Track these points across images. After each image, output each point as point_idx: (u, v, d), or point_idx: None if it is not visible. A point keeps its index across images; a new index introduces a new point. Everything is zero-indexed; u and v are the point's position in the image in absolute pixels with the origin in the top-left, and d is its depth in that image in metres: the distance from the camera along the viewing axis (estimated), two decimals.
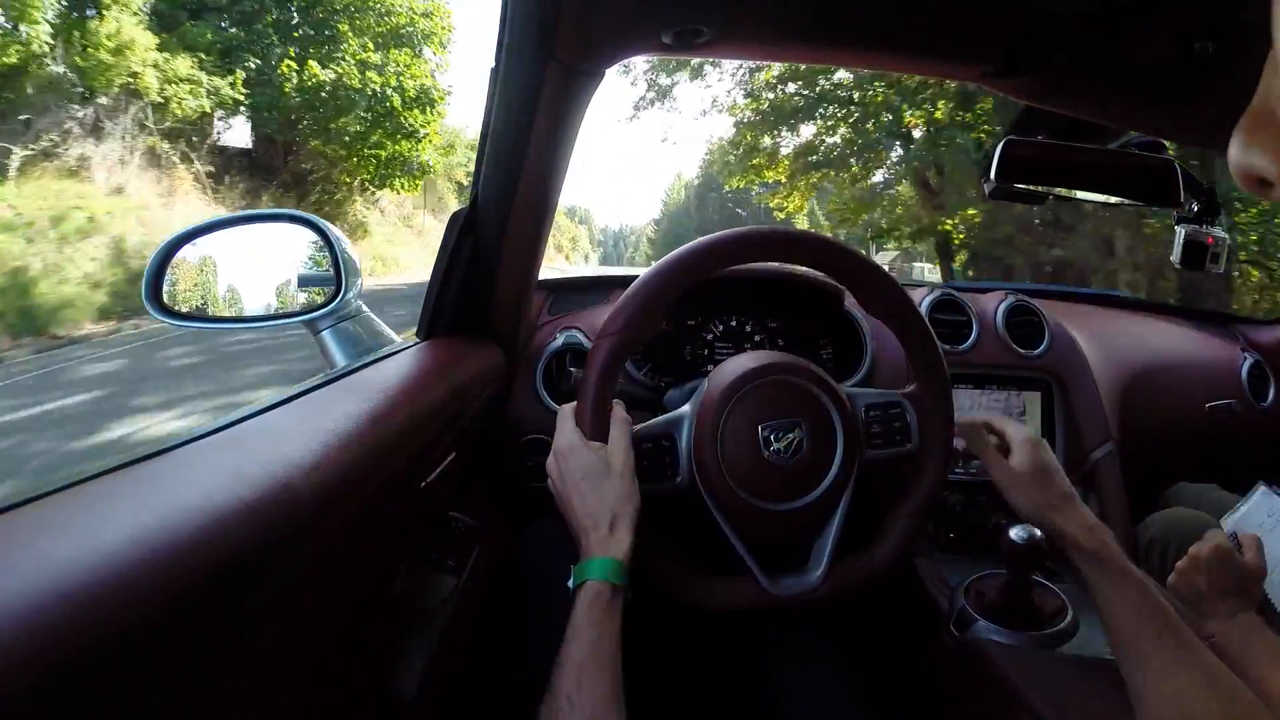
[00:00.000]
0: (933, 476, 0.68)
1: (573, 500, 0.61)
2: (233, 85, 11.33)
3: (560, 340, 1.02)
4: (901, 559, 0.69)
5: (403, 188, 15.82)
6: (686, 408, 0.70)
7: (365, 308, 0.80)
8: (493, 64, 0.67)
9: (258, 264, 0.76)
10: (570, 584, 0.56)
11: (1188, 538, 0.95)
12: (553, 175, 0.73)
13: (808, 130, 12.32)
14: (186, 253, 0.70)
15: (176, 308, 0.69)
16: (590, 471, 0.61)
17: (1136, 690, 0.52)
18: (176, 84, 10.42)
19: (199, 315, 0.72)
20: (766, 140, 13.00)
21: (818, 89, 11.39)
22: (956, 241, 10.63)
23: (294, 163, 13.94)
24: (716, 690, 0.84)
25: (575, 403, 0.66)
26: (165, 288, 0.68)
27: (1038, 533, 0.77)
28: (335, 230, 0.76)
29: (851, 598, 0.69)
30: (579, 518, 0.60)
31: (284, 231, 0.78)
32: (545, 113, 0.64)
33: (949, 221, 10.05)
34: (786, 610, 0.67)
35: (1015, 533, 0.73)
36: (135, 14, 10.03)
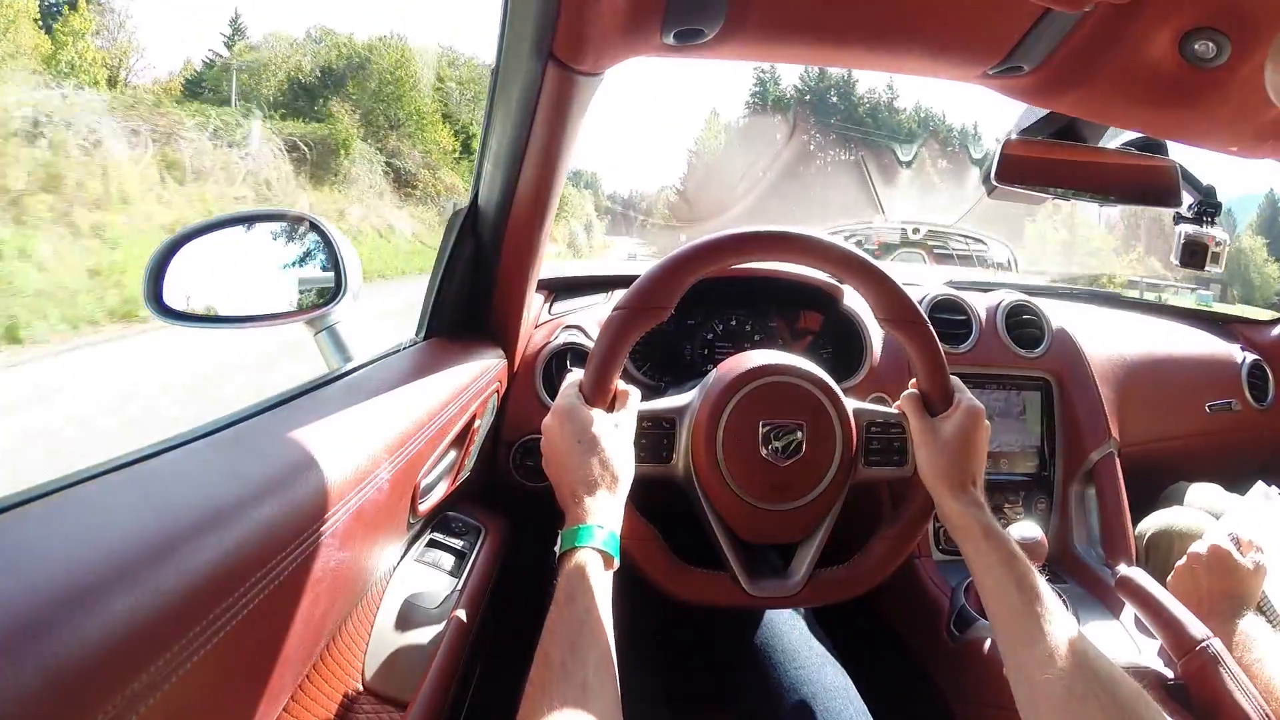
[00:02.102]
0: (926, 497, 0.68)
1: (566, 462, 0.59)
2: None
3: (560, 340, 1.02)
4: (884, 576, 0.69)
5: None
6: (692, 394, 0.70)
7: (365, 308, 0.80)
8: (493, 64, 0.67)
9: (258, 264, 0.76)
10: (557, 550, 0.54)
11: (1187, 537, 0.95)
12: (553, 175, 0.73)
13: None
14: (186, 252, 0.70)
15: (176, 308, 0.69)
16: (587, 433, 0.59)
17: (1015, 665, 0.52)
18: None
19: (199, 315, 0.72)
20: None
21: None
22: None
23: None
24: (711, 680, 0.84)
25: (580, 371, 0.66)
26: (165, 288, 0.68)
27: (1038, 534, 0.77)
28: (336, 230, 0.76)
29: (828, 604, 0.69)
30: (571, 481, 0.57)
31: (284, 231, 0.78)
32: (545, 113, 0.64)
33: None
34: (761, 608, 0.66)
35: (1016, 534, 0.73)
36: None
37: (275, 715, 0.40)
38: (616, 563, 0.54)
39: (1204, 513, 1.06)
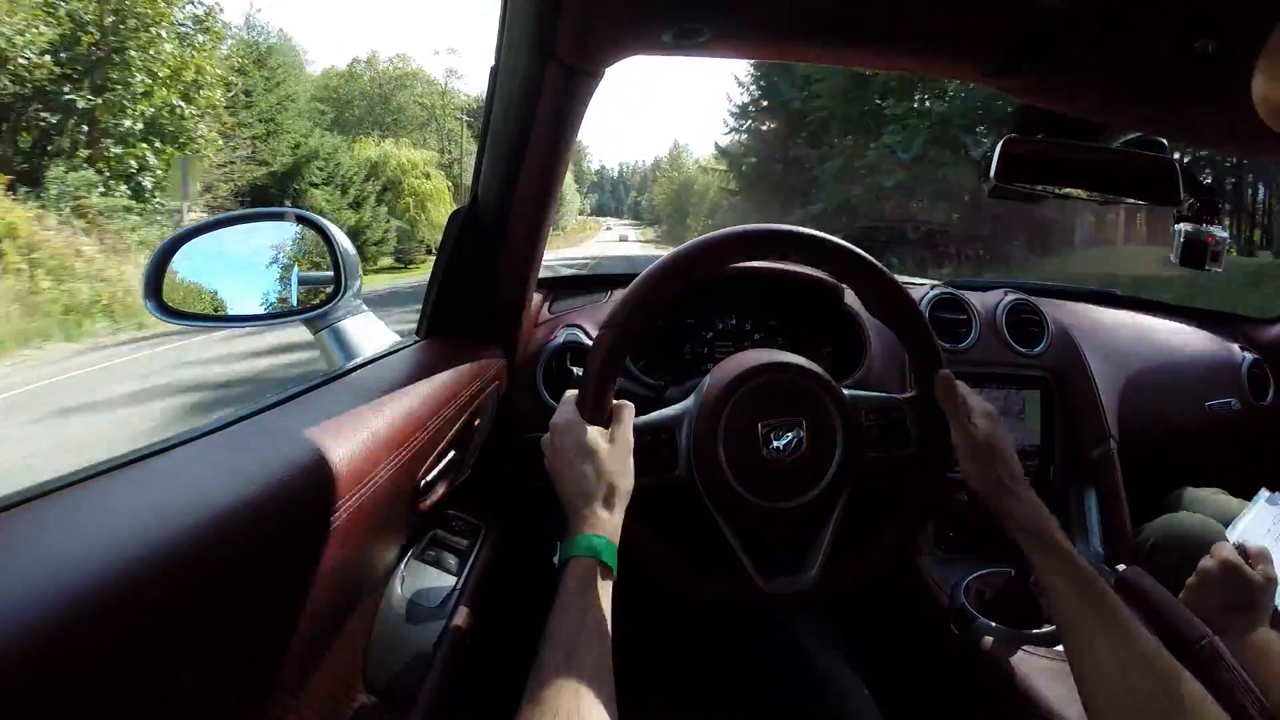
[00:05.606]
0: (931, 480, 0.68)
1: (565, 475, 0.60)
2: None
3: (560, 339, 1.02)
4: (895, 561, 0.70)
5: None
6: (688, 402, 0.70)
7: (365, 306, 0.80)
8: (493, 63, 0.67)
9: (258, 263, 0.76)
10: (556, 560, 0.55)
11: (1191, 545, 0.95)
12: (552, 175, 0.73)
13: None
14: (186, 251, 0.70)
15: (176, 307, 0.69)
16: (584, 447, 0.61)
17: (1081, 671, 0.52)
18: None
19: (198, 314, 0.72)
20: None
21: None
22: None
23: None
24: (710, 679, 0.84)
25: (578, 389, 0.66)
26: (165, 287, 0.68)
27: None
28: (336, 229, 0.76)
29: (844, 592, 0.69)
30: (570, 494, 0.59)
31: (284, 230, 0.78)
32: (545, 112, 0.64)
33: None
34: (777, 602, 0.66)
35: None
36: None
37: (276, 715, 0.40)
38: (614, 572, 0.55)
39: (1208, 518, 1.05)
